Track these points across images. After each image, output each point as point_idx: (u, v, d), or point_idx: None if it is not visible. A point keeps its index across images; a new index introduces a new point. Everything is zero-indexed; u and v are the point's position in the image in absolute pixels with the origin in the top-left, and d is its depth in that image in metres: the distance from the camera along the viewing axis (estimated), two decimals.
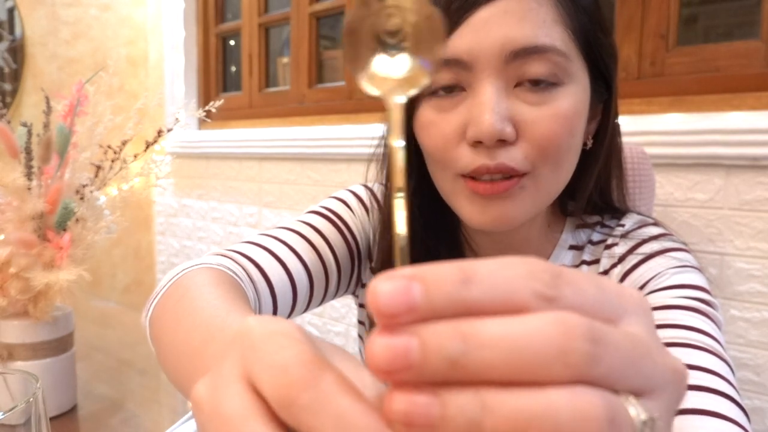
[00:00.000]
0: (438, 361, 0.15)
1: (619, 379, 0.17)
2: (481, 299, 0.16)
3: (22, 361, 0.66)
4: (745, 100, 1.05)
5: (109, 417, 0.68)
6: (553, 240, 0.60)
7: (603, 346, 0.16)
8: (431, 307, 0.16)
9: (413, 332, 0.16)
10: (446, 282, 0.16)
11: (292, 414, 0.17)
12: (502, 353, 0.15)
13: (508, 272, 0.17)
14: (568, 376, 0.15)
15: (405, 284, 0.16)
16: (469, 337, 0.16)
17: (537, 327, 0.16)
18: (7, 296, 0.65)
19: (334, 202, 0.66)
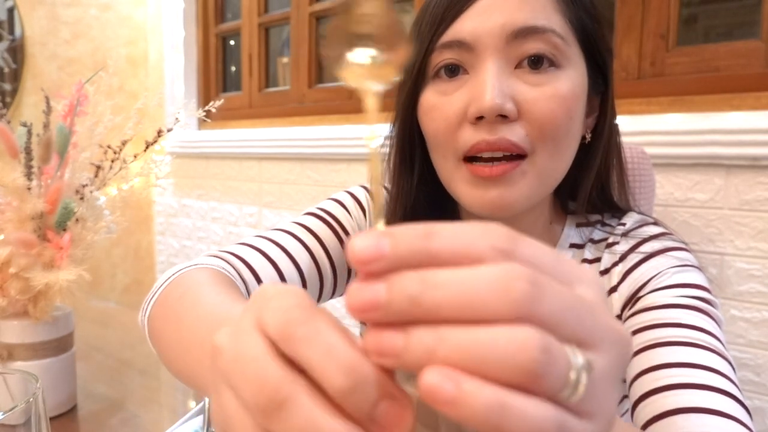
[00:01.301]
0: (400, 300, 0.18)
1: (559, 325, 0.19)
2: (442, 249, 0.19)
3: (22, 361, 0.66)
4: (745, 100, 1.06)
5: (109, 417, 0.68)
6: (554, 238, 0.60)
7: (543, 289, 0.18)
8: (397, 255, 0.19)
9: (382, 279, 0.19)
10: (411, 236, 0.19)
11: (290, 346, 0.20)
12: (453, 292, 0.18)
13: (468, 229, 0.20)
14: (510, 311, 0.18)
15: (376, 238, 0.19)
16: (427, 280, 0.18)
17: (485, 271, 0.18)
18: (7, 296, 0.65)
19: (330, 204, 0.66)
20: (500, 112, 0.47)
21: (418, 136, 0.57)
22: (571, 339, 0.19)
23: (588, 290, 0.21)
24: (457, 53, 0.50)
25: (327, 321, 0.20)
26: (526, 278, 0.18)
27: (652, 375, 0.45)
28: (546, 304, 0.18)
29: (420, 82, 0.54)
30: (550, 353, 0.18)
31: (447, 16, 0.51)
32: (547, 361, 0.17)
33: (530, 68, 0.49)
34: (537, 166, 0.50)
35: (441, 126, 0.51)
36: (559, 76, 0.49)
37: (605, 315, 0.21)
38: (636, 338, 0.49)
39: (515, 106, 0.48)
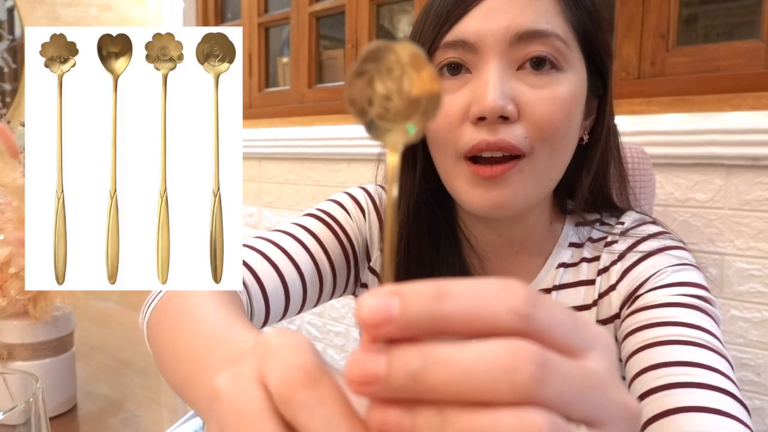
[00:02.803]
0: (401, 375, 0.18)
1: (567, 405, 0.18)
2: (455, 313, 0.18)
3: (22, 361, 0.66)
4: (745, 100, 1.05)
5: (109, 417, 0.68)
6: (553, 237, 0.61)
7: (550, 371, 0.17)
8: (407, 319, 0.18)
9: (384, 351, 0.18)
10: (422, 296, 0.18)
11: (290, 410, 0.19)
12: (455, 371, 0.17)
13: (483, 289, 0.18)
14: (515, 395, 0.17)
15: (385, 298, 0.18)
16: (428, 356, 0.18)
17: (489, 349, 0.17)
18: (7, 296, 0.65)
19: (329, 205, 0.66)
20: (501, 114, 0.48)
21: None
22: (579, 418, 0.18)
23: (599, 358, 0.20)
24: (461, 53, 0.51)
25: (330, 388, 0.19)
26: (531, 359, 0.17)
27: (651, 374, 0.45)
28: (553, 386, 0.17)
29: None
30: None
31: (451, 16, 0.51)
32: None
33: (532, 70, 0.50)
34: (534, 166, 0.51)
35: (443, 124, 0.52)
36: (559, 79, 0.50)
37: (614, 390, 0.20)
38: (635, 337, 0.49)
39: (516, 107, 0.49)
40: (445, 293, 0.18)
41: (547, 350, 0.18)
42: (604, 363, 0.20)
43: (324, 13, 1.84)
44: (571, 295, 0.58)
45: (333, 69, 1.88)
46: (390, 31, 1.83)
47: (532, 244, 0.60)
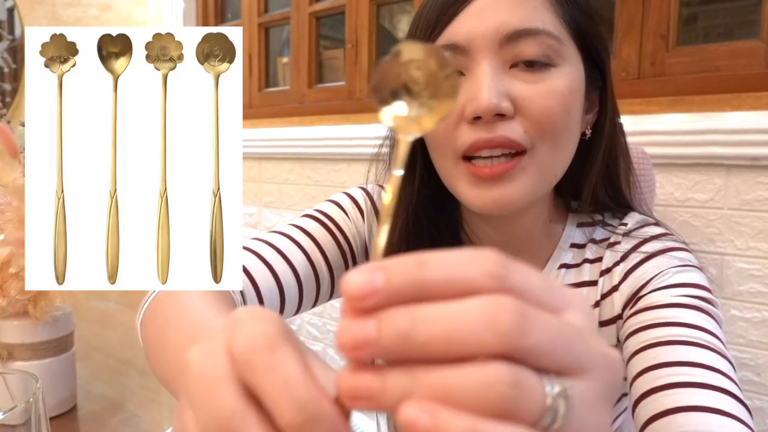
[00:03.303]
0: (391, 337, 0.18)
1: (546, 353, 0.19)
2: (435, 279, 0.19)
3: (22, 361, 0.66)
4: (745, 100, 1.05)
5: (109, 417, 0.68)
6: (555, 237, 0.61)
7: (531, 320, 0.18)
8: (391, 289, 0.19)
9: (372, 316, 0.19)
10: (404, 267, 0.19)
11: (249, 374, 0.20)
12: (442, 328, 0.18)
13: (460, 257, 0.19)
14: (498, 345, 0.18)
15: (370, 272, 0.19)
16: (416, 316, 0.18)
17: (473, 304, 0.18)
18: (7, 296, 0.65)
19: (328, 205, 0.66)
20: (497, 111, 0.48)
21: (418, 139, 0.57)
22: (557, 367, 0.19)
23: (577, 316, 0.21)
24: (452, 56, 0.51)
25: (291, 353, 0.20)
26: (514, 310, 0.18)
27: (653, 374, 0.45)
28: (534, 335, 0.18)
29: None
30: (520, 387, 0.18)
31: (441, 20, 0.51)
32: (517, 396, 0.18)
33: (525, 67, 0.50)
34: (537, 161, 0.51)
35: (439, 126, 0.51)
36: (554, 74, 0.50)
37: (593, 340, 0.21)
38: (637, 337, 0.49)
39: (512, 103, 0.49)
40: (425, 262, 0.19)
41: (527, 303, 0.19)
42: (581, 319, 0.21)
43: (324, 13, 1.84)
44: None
45: (333, 69, 1.88)
46: (390, 31, 1.83)
47: (533, 244, 0.60)
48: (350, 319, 0.19)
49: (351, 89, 1.74)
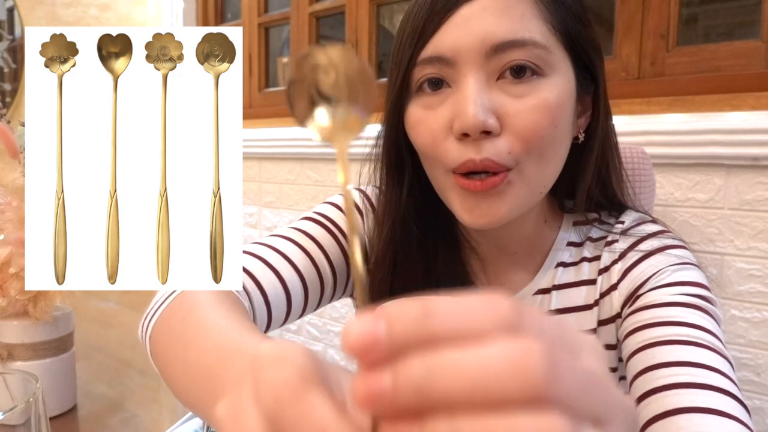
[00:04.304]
0: (407, 388, 0.17)
1: (577, 403, 0.17)
2: (444, 330, 0.17)
3: (22, 361, 0.66)
4: (745, 100, 1.05)
5: (109, 417, 0.68)
6: (551, 237, 0.61)
7: (560, 367, 0.17)
8: (395, 341, 0.17)
9: (387, 367, 0.17)
10: (408, 317, 0.18)
11: (281, 429, 0.19)
12: (463, 375, 0.17)
13: (469, 304, 0.18)
14: (527, 394, 0.16)
15: (371, 323, 0.18)
16: (433, 364, 0.17)
17: (497, 350, 0.17)
18: (7, 296, 0.65)
19: (327, 207, 0.66)
20: (483, 129, 0.48)
21: (406, 147, 0.57)
22: (587, 417, 0.18)
23: (594, 361, 0.20)
24: (438, 68, 0.50)
25: (319, 398, 0.19)
26: (542, 357, 0.17)
27: (652, 374, 0.45)
28: (564, 384, 0.17)
29: (404, 95, 0.54)
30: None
31: (426, 30, 0.50)
32: None
33: (513, 78, 0.49)
34: (524, 176, 0.50)
35: (428, 140, 0.52)
36: (542, 86, 0.49)
37: (614, 388, 0.20)
38: (636, 336, 0.49)
39: (498, 120, 0.48)
40: (431, 312, 0.18)
41: (553, 349, 0.17)
42: (598, 364, 0.20)
43: (324, 13, 1.84)
44: (572, 295, 0.58)
45: None
46: (390, 31, 1.83)
47: (529, 245, 0.60)
48: (364, 372, 0.18)
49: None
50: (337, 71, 0.21)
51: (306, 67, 0.21)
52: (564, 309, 0.58)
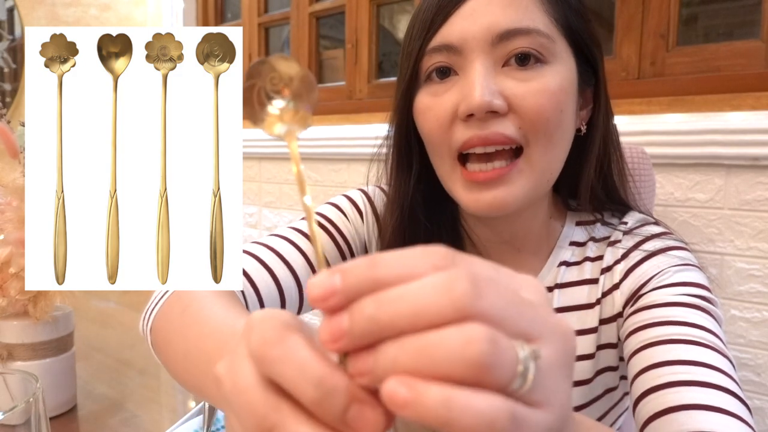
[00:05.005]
0: (361, 323, 0.20)
1: (503, 318, 0.20)
2: (387, 275, 0.21)
3: (22, 361, 0.66)
4: (745, 100, 1.05)
5: (109, 417, 0.68)
6: (554, 235, 0.61)
7: (483, 286, 0.20)
8: (348, 287, 0.21)
9: (345, 310, 0.21)
10: (358, 268, 0.21)
11: (267, 367, 0.22)
12: (404, 304, 0.20)
13: (410, 253, 0.21)
14: (454, 311, 0.19)
15: (328, 276, 0.21)
16: (380, 299, 0.20)
17: (429, 280, 0.20)
18: (7, 296, 0.65)
19: (326, 208, 0.67)
20: (489, 109, 0.49)
21: (416, 138, 0.58)
22: (516, 333, 0.21)
23: (529, 292, 0.22)
24: (446, 56, 0.52)
25: (300, 339, 0.22)
26: (466, 278, 0.20)
27: (653, 372, 0.45)
28: (488, 300, 0.20)
29: (414, 85, 0.56)
30: (496, 344, 0.19)
31: (435, 21, 0.53)
32: (494, 352, 0.19)
33: (517, 65, 0.51)
34: (533, 163, 0.51)
35: (434, 125, 0.53)
36: (546, 72, 0.51)
37: (547, 311, 0.22)
38: (637, 336, 0.50)
39: (505, 101, 0.50)
40: (377, 262, 0.21)
41: (478, 276, 0.20)
42: (533, 294, 0.23)
43: (324, 13, 1.84)
44: (574, 294, 0.58)
45: (333, 69, 1.88)
46: (390, 31, 1.83)
47: (533, 241, 0.60)
48: (327, 318, 0.21)
49: (351, 89, 1.74)
50: (282, 76, 0.25)
51: (256, 73, 0.25)
52: (566, 307, 0.58)
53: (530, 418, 0.20)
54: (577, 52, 0.54)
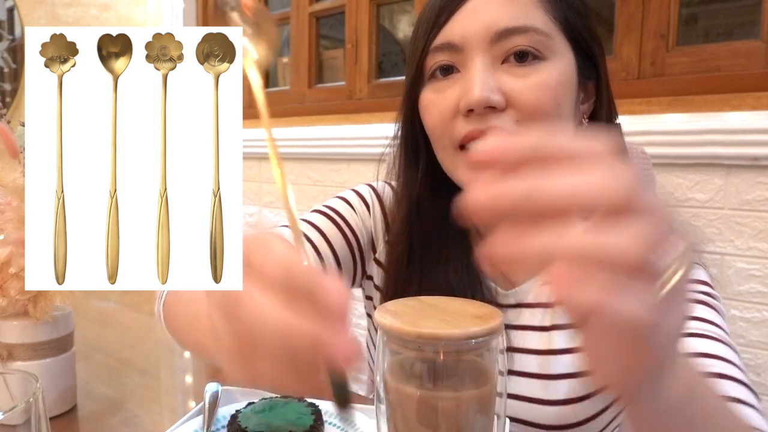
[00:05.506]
0: (518, 193, 0.23)
1: (662, 217, 0.23)
2: (553, 149, 0.24)
3: (22, 361, 0.66)
4: (745, 100, 1.05)
5: (109, 417, 0.68)
6: None
7: (639, 191, 0.23)
8: (516, 155, 0.24)
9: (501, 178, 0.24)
10: (525, 141, 0.24)
11: (251, 266, 0.28)
12: (564, 186, 0.23)
13: (573, 138, 0.25)
14: (619, 199, 0.22)
15: (499, 141, 0.24)
16: (541, 177, 0.23)
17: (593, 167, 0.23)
18: (7, 296, 0.65)
19: (335, 201, 0.70)
20: (488, 104, 0.52)
21: (422, 132, 0.61)
22: (665, 236, 0.23)
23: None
24: (449, 55, 0.55)
25: (279, 242, 0.28)
26: (629, 174, 0.22)
27: None
28: (646, 197, 0.23)
29: (419, 82, 0.58)
30: (658, 245, 0.23)
31: (438, 21, 0.56)
32: (650, 251, 0.22)
33: (516, 62, 0.53)
34: None
35: (437, 120, 0.56)
36: (543, 67, 0.53)
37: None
38: None
39: (503, 96, 0.53)
40: (544, 141, 0.24)
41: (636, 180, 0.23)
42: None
43: (324, 13, 1.84)
44: None
45: (333, 69, 1.88)
46: (390, 31, 1.82)
47: None
48: (489, 177, 0.24)
49: (351, 89, 1.74)
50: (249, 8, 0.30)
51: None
52: None
53: (663, 322, 0.23)
54: (576, 47, 0.56)
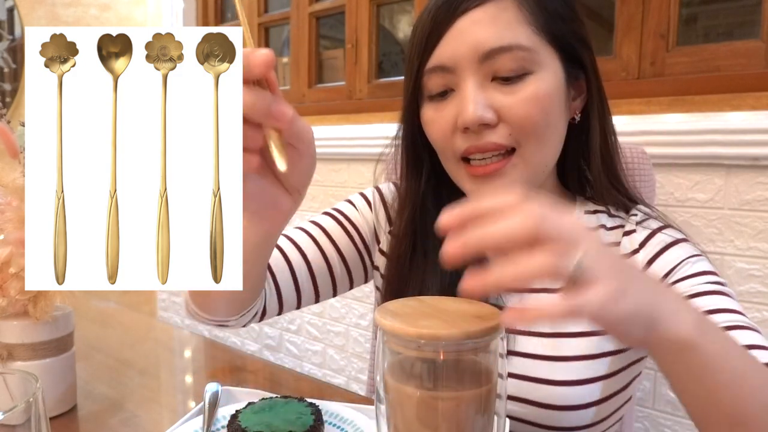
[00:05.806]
0: (473, 240, 0.35)
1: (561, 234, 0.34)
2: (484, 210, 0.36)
3: (22, 361, 0.66)
4: (745, 100, 1.05)
5: (109, 417, 0.68)
6: None
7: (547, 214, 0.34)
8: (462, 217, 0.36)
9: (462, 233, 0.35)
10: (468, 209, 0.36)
11: None
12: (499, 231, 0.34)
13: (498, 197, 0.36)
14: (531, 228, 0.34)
15: (453, 213, 0.36)
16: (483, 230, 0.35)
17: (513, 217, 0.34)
18: (7, 296, 0.65)
19: (343, 204, 0.77)
20: (481, 122, 0.57)
21: (423, 141, 0.66)
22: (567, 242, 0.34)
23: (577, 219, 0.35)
24: (442, 77, 0.60)
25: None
26: (538, 214, 0.34)
27: None
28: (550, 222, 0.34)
29: (418, 98, 0.64)
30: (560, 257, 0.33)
31: (429, 43, 0.60)
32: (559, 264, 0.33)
33: (503, 81, 0.57)
34: (526, 158, 0.59)
35: (439, 135, 0.62)
36: (530, 81, 0.57)
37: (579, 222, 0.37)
38: None
39: (495, 113, 0.57)
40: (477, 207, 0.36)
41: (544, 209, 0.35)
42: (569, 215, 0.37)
43: (324, 13, 1.84)
44: None
45: (333, 69, 1.88)
46: (390, 31, 1.83)
47: None
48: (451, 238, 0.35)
49: (351, 89, 1.74)
50: None
51: None
52: None
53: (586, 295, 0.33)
54: (562, 53, 0.59)
